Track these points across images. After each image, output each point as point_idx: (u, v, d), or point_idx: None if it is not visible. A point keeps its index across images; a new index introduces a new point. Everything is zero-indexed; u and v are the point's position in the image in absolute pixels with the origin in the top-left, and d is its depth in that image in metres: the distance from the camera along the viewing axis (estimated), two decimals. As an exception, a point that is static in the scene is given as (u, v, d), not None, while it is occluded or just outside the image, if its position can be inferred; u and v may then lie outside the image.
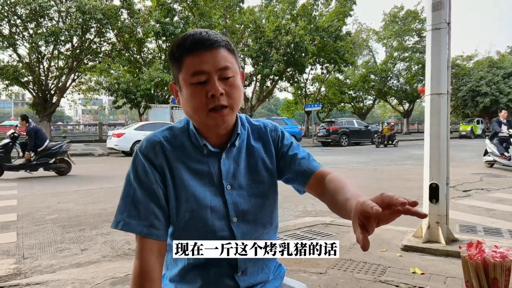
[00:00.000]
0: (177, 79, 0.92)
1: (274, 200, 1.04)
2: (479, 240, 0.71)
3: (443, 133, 3.03)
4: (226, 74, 0.88)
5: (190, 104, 0.89)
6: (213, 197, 0.95)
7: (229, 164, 0.97)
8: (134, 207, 0.90)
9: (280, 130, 1.08)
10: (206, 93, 0.86)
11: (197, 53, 0.86)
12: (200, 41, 0.86)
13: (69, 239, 3.69)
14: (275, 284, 1.06)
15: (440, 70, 3.00)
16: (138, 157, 0.94)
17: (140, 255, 0.88)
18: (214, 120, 0.89)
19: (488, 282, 0.66)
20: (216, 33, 0.90)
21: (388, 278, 2.44)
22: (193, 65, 0.86)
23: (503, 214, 4.51)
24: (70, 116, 71.85)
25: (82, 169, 10.14)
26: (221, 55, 0.88)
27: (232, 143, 0.97)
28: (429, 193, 3.05)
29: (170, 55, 0.92)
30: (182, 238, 0.94)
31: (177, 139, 0.97)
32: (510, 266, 0.66)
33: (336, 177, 0.94)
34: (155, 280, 0.86)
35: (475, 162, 10.58)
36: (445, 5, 2.99)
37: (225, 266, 0.96)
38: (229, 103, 0.89)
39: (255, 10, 25.00)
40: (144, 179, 0.91)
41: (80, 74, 20.94)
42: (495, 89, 28.93)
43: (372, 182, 7.20)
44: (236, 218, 0.96)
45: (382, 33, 33.87)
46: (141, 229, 0.89)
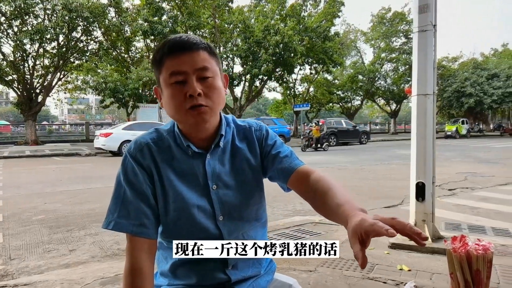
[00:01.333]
0: (159, 81, 0.96)
1: (260, 197, 1.06)
2: (463, 234, 0.74)
3: (429, 133, 3.10)
4: (204, 74, 0.90)
5: (170, 104, 0.91)
6: (199, 197, 0.97)
7: (214, 164, 0.99)
8: (124, 207, 0.92)
9: (265, 129, 1.09)
10: (185, 93, 0.89)
11: (176, 55, 0.89)
12: (179, 43, 0.90)
13: (57, 239, 3.65)
14: (266, 279, 1.08)
15: (426, 71, 3.06)
16: (127, 159, 0.97)
17: (131, 254, 0.91)
18: (193, 118, 0.91)
19: (471, 273, 0.70)
20: (196, 37, 0.93)
21: (376, 275, 2.49)
22: (172, 66, 0.89)
23: (487, 212, 4.62)
24: (56, 115, 70.71)
25: (69, 169, 10.01)
26: (200, 57, 0.90)
27: (216, 143, 0.99)
28: (416, 192, 3.11)
29: (152, 59, 0.96)
30: (172, 237, 0.96)
31: (163, 141, 0.99)
32: (492, 258, 0.69)
33: (322, 177, 0.96)
34: (146, 278, 0.88)
35: (460, 161, 10.79)
36: (431, 8, 3.05)
37: (217, 261, 0.98)
38: (207, 103, 0.91)
39: (244, 10, 25.02)
40: (134, 180, 0.94)
41: (66, 73, 20.66)
42: (479, 90, 29.51)
43: (360, 182, 7.29)
44: (222, 216, 0.98)
45: (370, 34, 34.28)
46: (132, 228, 0.91)
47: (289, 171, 1.01)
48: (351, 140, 21.52)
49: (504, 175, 7.72)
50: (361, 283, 2.37)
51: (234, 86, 24.24)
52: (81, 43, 19.18)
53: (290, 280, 1.13)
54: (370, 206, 4.97)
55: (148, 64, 19.24)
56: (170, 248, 1.00)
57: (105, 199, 5.68)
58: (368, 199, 5.42)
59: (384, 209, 4.88)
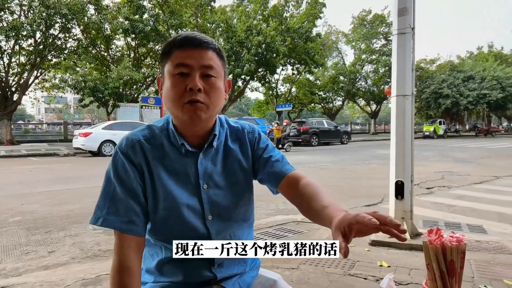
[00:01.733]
0: (163, 71, 0.95)
1: (249, 199, 1.07)
2: (438, 227, 0.78)
3: (407, 133, 3.19)
4: (208, 72, 0.92)
5: (169, 94, 0.91)
6: (189, 195, 0.97)
7: (206, 164, 1.00)
8: (113, 204, 0.92)
9: (257, 132, 1.11)
10: (185, 86, 0.89)
11: (185, 48, 0.91)
12: (190, 38, 0.91)
13: (35, 241, 3.57)
14: (251, 275, 1.10)
15: (405, 72, 3.15)
16: (118, 155, 0.96)
17: (119, 251, 0.90)
18: (188, 114, 0.91)
19: (446, 264, 0.74)
20: (208, 37, 0.94)
21: (357, 272, 2.55)
22: (179, 58, 0.90)
23: (462, 209, 4.78)
24: (32, 114, 68.75)
25: (46, 169, 9.77)
26: (207, 55, 0.92)
27: (209, 143, 1.00)
28: (395, 190, 3.20)
29: (161, 50, 0.96)
30: (160, 234, 0.97)
31: (156, 138, 0.98)
32: (465, 249, 0.74)
33: (311, 183, 0.99)
34: (134, 274, 0.88)
35: (438, 161, 11.10)
36: (409, 11, 3.14)
37: (203, 259, 0.99)
38: (205, 101, 0.91)
39: (226, 9, 24.96)
40: (124, 176, 0.93)
41: (44, 71, 20.07)
42: (455, 91, 30.38)
43: (341, 181, 7.41)
44: (211, 216, 0.99)
45: (351, 35, 34.78)
46: (120, 225, 0.90)
47: (280, 176, 1.04)
48: (332, 140, 21.79)
49: (479, 174, 7.99)
50: (343, 279, 2.42)
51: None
52: (59, 40, 18.70)
53: (274, 275, 1.15)
54: (351, 205, 5.06)
55: (129, 63, 18.95)
56: (157, 246, 1.01)
57: (85, 199, 5.60)
58: (349, 198, 5.52)
59: (364, 207, 4.98)
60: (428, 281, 0.76)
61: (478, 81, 30.50)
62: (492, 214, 4.48)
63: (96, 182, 7.22)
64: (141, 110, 19.64)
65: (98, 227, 4.01)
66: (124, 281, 0.87)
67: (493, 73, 30.47)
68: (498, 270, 2.56)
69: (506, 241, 3.25)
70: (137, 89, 21.20)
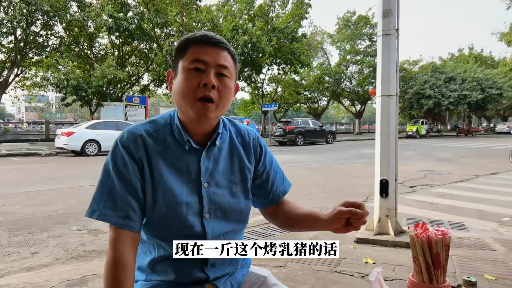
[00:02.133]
0: (176, 66, 0.95)
1: (247, 201, 1.07)
2: (424, 222, 0.81)
3: (392, 133, 3.25)
4: (223, 71, 0.93)
5: (182, 88, 0.91)
6: (189, 193, 0.97)
7: (208, 162, 0.99)
8: (111, 198, 0.91)
9: (263, 142, 1.13)
10: (199, 81, 0.90)
11: (203, 45, 0.92)
12: (208, 36, 0.93)
13: (17, 242, 3.49)
14: (242, 273, 1.11)
15: (389, 73, 3.21)
16: (118, 148, 0.94)
17: (114, 246, 0.89)
18: (198, 111, 0.91)
19: (431, 256, 0.77)
20: (224, 39, 0.96)
21: (343, 269, 2.59)
22: (196, 53, 0.91)
23: (444, 207, 4.90)
24: (13, 113, 67.07)
25: (28, 169, 9.55)
26: (223, 55, 0.93)
27: (213, 141, 1.00)
28: (380, 188, 3.26)
29: (177, 46, 0.96)
30: (156, 231, 0.96)
31: (159, 133, 0.97)
32: (449, 242, 0.77)
33: (294, 202, 1.14)
34: (128, 270, 0.88)
35: (420, 160, 11.32)
36: (394, 13, 3.20)
37: (196, 259, 0.98)
38: (216, 99, 0.91)
39: (212, 8, 24.87)
40: (123, 170, 0.92)
41: (25, 68, 19.60)
42: (437, 92, 31.02)
43: (327, 180, 7.48)
44: (208, 214, 0.98)
45: (336, 36, 35.08)
46: (117, 220, 0.90)
47: (273, 201, 1.13)
48: (317, 140, 21.96)
49: (460, 173, 8.20)
50: (329, 276, 2.45)
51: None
52: (41, 37, 18.28)
53: (265, 272, 1.16)
54: (336, 203, 5.11)
55: (113, 62, 18.67)
56: (150, 243, 1.01)
57: (69, 200, 5.50)
58: (334, 197, 5.58)
59: (350, 206, 5.04)
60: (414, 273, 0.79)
61: (459, 82, 31.22)
62: (473, 212, 4.60)
63: (80, 182, 7.11)
64: (126, 109, 19.39)
65: (82, 228, 3.97)
66: (119, 277, 0.86)
67: (473, 74, 31.25)
68: (478, 265, 2.64)
69: (486, 237, 3.36)
70: (121, 88, 20.92)
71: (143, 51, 21.75)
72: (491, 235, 3.50)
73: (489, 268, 2.58)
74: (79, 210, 4.81)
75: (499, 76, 31.69)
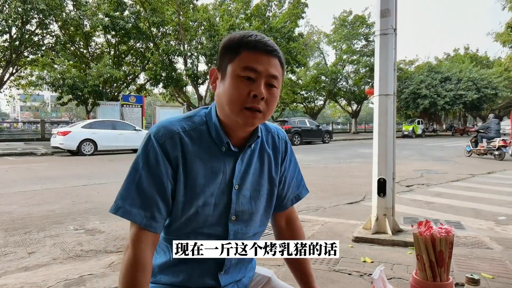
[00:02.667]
0: (224, 67, 0.90)
1: (271, 205, 1.06)
2: (427, 220, 0.81)
3: (390, 132, 3.26)
4: (272, 82, 0.89)
5: (229, 95, 0.87)
6: (220, 194, 0.95)
7: (242, 164, 0.98)
8: (138, 196, 0.87)
9: (289, 143, 1.12)
10: (249, 91, 0.86)
11: (256, 52, 0.87)
12: (263, 42, 0.88)
13: (14, 242, 3.47)
14: (249, 276, 1.10)
15: (387, 72, 3.22)
16: (151, 144, 0.89)
17: (136, 246, 0.86)
18: (245, 119, 0.88)
19: (435, 254, 0.77)
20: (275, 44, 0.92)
21: (341, 268, 2.59)
22: (248, 60, 0.87)
23: (441, 206, 4.92)
24: (7, 113, 66.60)
25: (23, 169, 9.49)
26: (275, 64, 0.90)
27: (249, 144, 0.98)
28: (377, 188, 3.27)
29: (226, 45, 0.91)
30: (178, 231, 0.94)
31: (196, 132, 0.94)
32: (453, 240, 0.77)
33: (300, 226, 1.14)
34: (148, 272, 0.86)
35: (417, 159, 11.37)
36: (391, 12, 3.21)
37: (211, 263, 0.97)
38: (264, 109, 0.89)
39: (209, 8, 24.81)
40: (155, 168, 0.88)
41: (20, 67, 19.47)
42: (433, 92, 31.13)
43: (324, 179, 7.49)
44: (234, 216, 0.97)
45: (332, 36, 35.14)
46: (141, 219, 0.87)
47: (283, 206, 1.11)
48: (314, 139, 22.00)
49: (456, 172, 8.24)
50: (328, 275, 2.46)
51: (199, 85, 24.01)
52: (36, 36, 18.15)
53: (268, 272, 1.16)
54: (334, 203, 5.13)
55: (109, 61, 18.57)
56: (164, 245, 0.99)
57: (65, 199, 5.47)
58: (332, 196, 5.59)
59: (347, 205, 5.06)
60: (418, 271, 0.79)
61: (455, 82, 31.35)
62: (469, 211, 4.63)
63: (76, 181, 7.07)
64: (122, 108, 19.30)
65: (79, 227, 3.95)
66: (138, 277, 0.84)
67: (469, 74, 31.38)
68: (476, 264, 2.66)
69: (483, 236, 3.37)
70: (117, 87, 20.81)
71: (139, 50, 21.65)
72: (488, 233, 3.53)
73: (486, 266, 2.60)
74: (76, 209, 4.79)
75: (494, 76, 31.84)
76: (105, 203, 5.17)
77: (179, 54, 21.43)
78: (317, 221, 3.98)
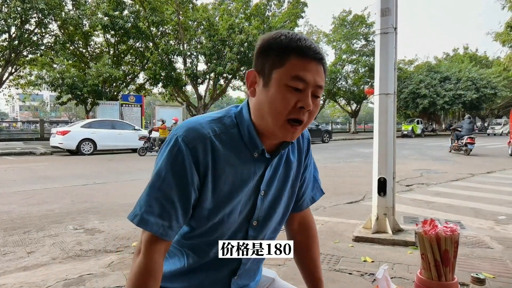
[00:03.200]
0: (267, 72, 0.82)
1: (289, 209, 1.04)
2: (432, 218, 0.81)
3: (390, 131, 3.25)
4: (318, 93, 0.84)
5: (275, 106, 0.80)
6: (247, 201, 0.92)
7: (270, 170, 0.93)
8: (157, 203, 0.82)
9: (310, 142, 1.07)
10: (296, 102, 0.80)
11: (306, 59, 0.80)
12: (313, 49, 0.81)
13: (13, 242, 3.46)
14: (256, 279, 1.09)
15: (387, 71, 3.21)
16: (179, 147, 0.82)
17: (148, 254, 0.82)
18: (285, 133, 0.83)
19: (440, 253, 0.76)
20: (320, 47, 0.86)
21: (342, 267, 2.59)
22: (298, 69, 0.79)
23: (440, 206, 4.92)
24: (6, 112, 66.50)
25: (23, 169, 9.47)
26: (321, 72, 0.83)
27: (282, 150, 0.93)
28: (378, 187, 3.26)
29: (269, 46, 0.83)
30: (199, 238, 0.91)
31: (227, 135, 0.87)
32: (458, 239, 0.76)
33: (314, 231, 1.12)
34: (158, 280, 0.83)
35: (416, 159, 11.37)
36: (392, 11, 3.20)
37: (225, 270, 0.95)
38: (306, 121, 0.84)
39: (208, 7, 24.80)
40: (180, 175, 0.82)
41: (19, 67, 19.44)
42: (432, 91, 31.13)
43: (324, 179, 7.40)
44: (256, 222, 0.95)
45: (332, 35, 35.12)
46: (158, 229, 0.82)
47: (299, 207, 1.08)
48: (314, 139, 21.97)
49: (455, 172, 8.24)
50: (328, 274, 2.45)
51: (198, 84, 23.99)
52: (35, 36, 18.13)
53: (271, 273, 1.15)
54: (333, 202, 5.12)
55: (109, 61, 18.55)
56: (179, 250, 0.96)
57: (64, 199, 5.45)
58: (332, 196, 5.58)
59: (347, 205, 5.05)
60: (422, 270, 0.79)
61: (454, 81, 31.36)
62: (469, 210, 4.63)
63: (75, 181, 7.06)
64: (121, 108, 19.29)
65: (79, 227, 3.94)
66: (150, 285, 0.81)
67: (468, 74, 31.40)
68: (476, 263, 2.65)
69: (483, 236, 3.37)
70: (117, 87, 20.80)
71: (138, 49, 21.63)
72: (488, 233, 3.52)
73: (487, 266, 2.59)
74: (75, 209, 4.78)
75: (493, 75, 31.86)
76: (105, 202, 5.16)
77: (178, 53, 21.41)
78: (317, 221, 3.97)
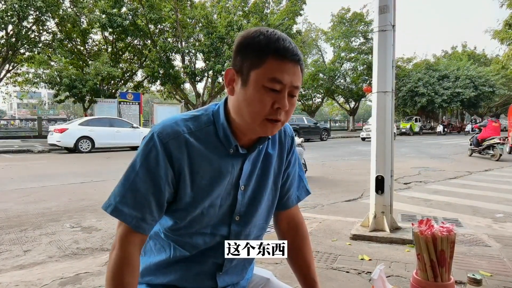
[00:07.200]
0: (245, 72, 0.83)
1: (273, 205, 1.04)
2: (428, 218, 0.80)
3: (388, 129, 3.25)
4: (294, 93, 0.85)
5: (251, 106, 0.82)
6: (227, 195, 0.93)
7: (248, 165, 0.95)
8: (131, 195, 0.85)
9: (294, 139, 1.08)
10: (273, 102, 0.82)
11: (284, 61, 0.81)
12: (291, 51, 0.81)
13: (9, 240, 3.44)
14: (246, 277, 1.08)
15: (385, 69, 3.20)
16: (154, 143, 0.85)
17: (124, 246, 0.84)
18: (265, 129, 0.86)
19: (436, 254, 0.75)
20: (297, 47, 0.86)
21: (339, 265, 2.58)
22: (275, 71, 0.80)
23: (438, 204, 4.92)
24: (4, 110, 66.33)
25: (20, 166, 9.44)
26: (298, 73, 0.84)
27: (259, 146, 0.95)
28: (375, 185, 3.25)
29: (248, 45, 0.83)
30: (182, 230, 0.93)
31: (202, 132, 0.89)
32: (454, 239, 0.75)
33: (307, 241, 1.10)
34: (136, 272, 0.84)
35: (414, 157, 11.37)
36: (390, 9, 3.19)
37: (210, 264, 0.96)
38: (283, 119, 0.86)
39: (206, 5, 24.71)
40: (154, 169, 0.85)
41: (16, 64, 19.34)
42: (431, 90, 31.15)
43: (322, 177, 7.49)
44: (238, 217, 0.96)
45: (330, 33, 35.06)
46: (131, 220, 0.84)
47: (284, 205, 1.08)
48: (312, 137, 21.98)
49: (453, 169, 8.25)
50: (326, 273, 2.44)
51: (196, 82, 23.93)
52: (33, 33, 18.04)
53: (267, 273, 1.14)
54: (331, 200, 5.12)
55: (107, 58, 18.47)
56: (166, 242, 0.97)
57: (62, 197, 5.44)
58: (330, 193, 5.59)
59: (345, 202, 5.05)
60: (418, 271, 0.78)
61: (452, 80, 31.37)
62: (467, 208, 4.63)
63: (73, 179, 7.03)
64: (119, 105, 19.22)
65: (76, 225, 3.93)
66: (126, 278, 0.82)
67: (467, 72, 31.41)
68: (474, 261, 2.65)
69: (481, 234, 3.37)
70: (115, 85, 20.74)
71: (137, 47, 21.56)
72: (486, 231, 3.52)
73: (485, 264, 2.59)
74: (72, 207, 4.76)
75: (491, 73, 31.88)
76: (102, 200, 5.04)
77: (176, 51, 21.35)
78: (315, 219, 3.97)
